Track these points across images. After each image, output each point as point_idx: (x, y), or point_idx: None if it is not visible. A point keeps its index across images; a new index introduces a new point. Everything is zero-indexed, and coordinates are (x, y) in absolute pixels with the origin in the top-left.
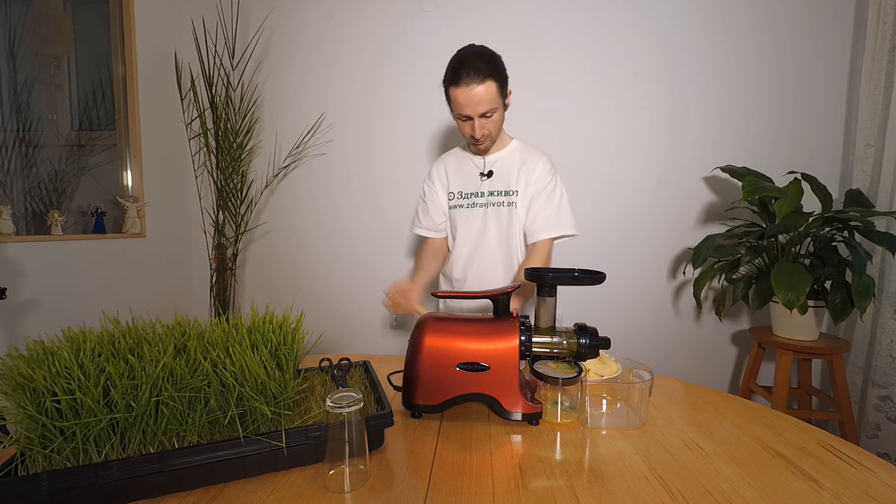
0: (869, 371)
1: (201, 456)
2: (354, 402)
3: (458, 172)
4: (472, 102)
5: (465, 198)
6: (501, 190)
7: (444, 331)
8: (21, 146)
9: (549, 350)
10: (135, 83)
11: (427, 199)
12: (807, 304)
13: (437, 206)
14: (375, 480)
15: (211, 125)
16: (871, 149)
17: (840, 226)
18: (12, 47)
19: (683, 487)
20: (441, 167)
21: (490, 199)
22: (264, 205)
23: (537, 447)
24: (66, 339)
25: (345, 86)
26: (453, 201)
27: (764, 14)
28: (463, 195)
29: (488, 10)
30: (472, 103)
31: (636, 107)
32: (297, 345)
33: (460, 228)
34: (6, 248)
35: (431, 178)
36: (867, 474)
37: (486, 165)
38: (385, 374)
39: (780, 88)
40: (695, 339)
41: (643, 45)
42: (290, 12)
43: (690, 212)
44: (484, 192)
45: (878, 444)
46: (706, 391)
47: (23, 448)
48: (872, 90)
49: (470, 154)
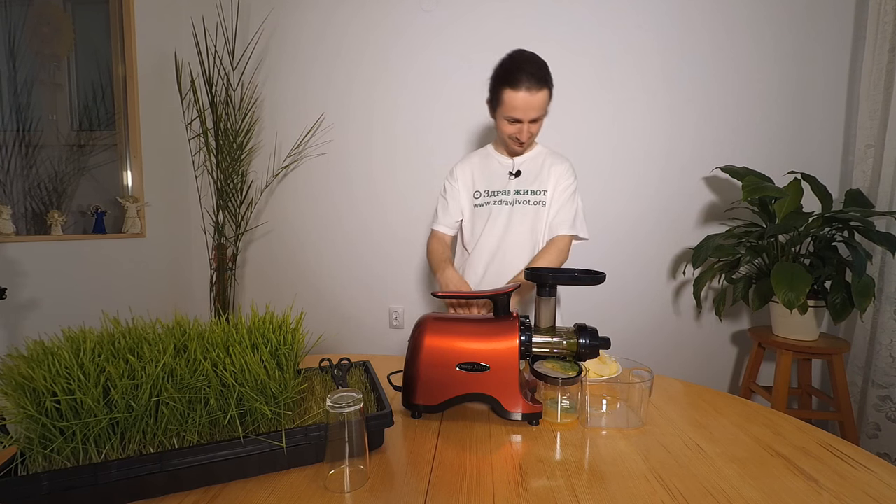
0: (869, 371)
1: (201, 456)
2: (354, 402)
3: (485, 171)
4: (528, 108)
5: (491, 195)
6: (531, 189)
7: (444, 331)
8: (21, 146)
9: (549, 350)
10: (135, 83)
11: (448, 196)
12: (807, 304)
13: (458, 204)
14: (375, 480)
15: (211, 125)
16: (871, 149)
17: (840, 226)
18: (12, 47)
19: (683, 487)
20: (467, 167)
21: (517, 198)
22: (264, 205)
23: (537, 447)
24: (66, 339)
25: (345, 86)
26: (479, 199)
27: (764, 14)
28: (490, 193)
29: (488, 9)
30: (527, 108)
31: (636, 106)
32: (297, 345)
33: (486, 226)
34: (6, 248)
35: (455, 177)
36: (867, 474)
37: (514, 165)
38: (385, 374)
39: (780, 88)
40: (695, 339)
41: (643, 44)
42: (290, 12)
43: (690, 212)
44: (511, 190)
45: (878, 444)
46: (706, 391)
47: (23, 448)
48: (872, 90)
49: (497, 154)
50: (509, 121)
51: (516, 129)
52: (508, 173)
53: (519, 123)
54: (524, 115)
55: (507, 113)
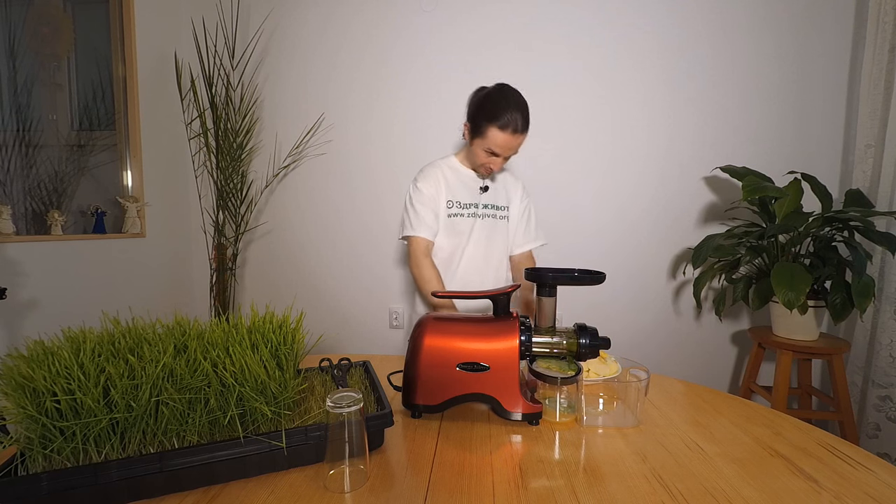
0: (869, 371)
1: (201, 456)
2: (354, 402)
3: (457, 183)
4: (508, 147)
5: (463, 207)
6: (497, 204)
7: (444, 331)
8: (21, 146)
9: (549, 350)
10: (135, 83)
11: (427, 202)
12: (807, 304)
13: (436, 210)
14: (375, 480)
15: (211, 125)
16: (871, 149)
17: (840, 226)
18: (12, 47)
19: (683, 487)
20: (439, 175)
21: (484, 212)
22: (264, 205)
23: (537, 447)
24: (66, 339)
25: (345, 86)
26: (452, 209)
27: (764, 14)
28: (462, 205)
29: (488, 10)
30: (508, 148)
31: (636, 106)
32: (297, 345)
33: (452, 237)
34: (6, 248)
35: (430, 182)
36: (867, 474)
37: (482, 181)
38: (385, 374)
39: (780, 88)
40: (695, 339)
41: (643, 44)
42: (290, 12)
43: (690, 212)
44: (480, 204)
45: (878, 444)
46: (706, 391)
47: (23, 448)
48: (872, 90)
49: (464, 168)
50: (487, 152)
51: (491, 160)
52: (479, 188)
53: (496, 157)
54: (503, 152)
55: (487, 146)
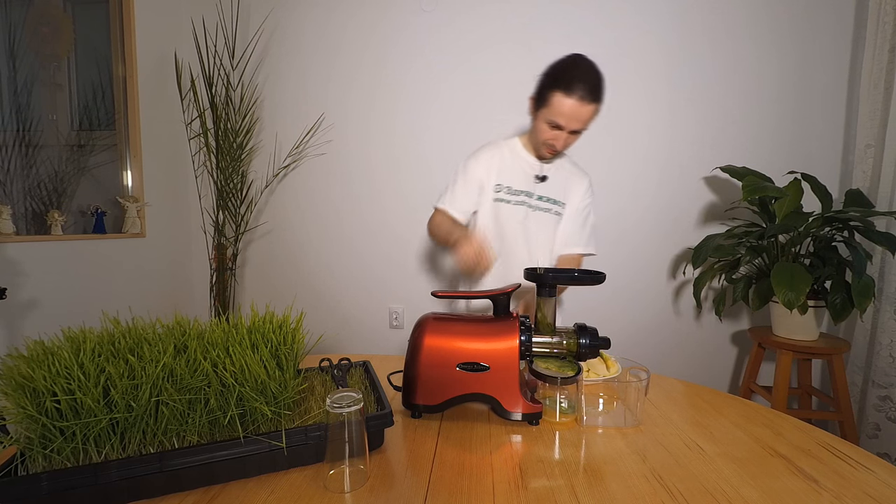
0: (869, 371)
1: (201, 456)
2: (354, 402)
3: (513, 167)
4: (573, 117)
5: (513, 194)
6: (552, 198)
7: (444, 331)
8: (21, 146)
9: (549, 350)
10: (135, 83)
11: (470, 181)
12: (807, 304)
13: (477, 190)
14: (375, 480)
15: (211, 125)
16: (871, 149)
17: (840, 226)
18: (12, 47)
19: (683, 487)
20: (495, 155)
21: (538, 203)
22: (264, 205)
23: (537, 447)
24: (66, 339)
25: (345, 86)
26: (499, 194)
27: (764, 14)
28: (512, 191)
29: (487, 9)
30: (574, 118)
31: (636, 106)
32: (297, 345)
33: (497, 223)
34: (6, 248)
35: (481, 162)
36: (867, 474)
37: (541, 170)
38: (385, 374)
39: (781, 88)
40: (695, 339)
41: (643, 44)
42: (290, 12)
43: (690, 212)
44: (534, 193)
45: (878, 444)
46: (706, 391)
47: (23, 448)
48: (872, 90)
49: (525, 153)
50: (550, 125)
51: (554, 135)
52: (535, 176)
53: (559, 131)
54: (567, 123)
55: (550, 116)
